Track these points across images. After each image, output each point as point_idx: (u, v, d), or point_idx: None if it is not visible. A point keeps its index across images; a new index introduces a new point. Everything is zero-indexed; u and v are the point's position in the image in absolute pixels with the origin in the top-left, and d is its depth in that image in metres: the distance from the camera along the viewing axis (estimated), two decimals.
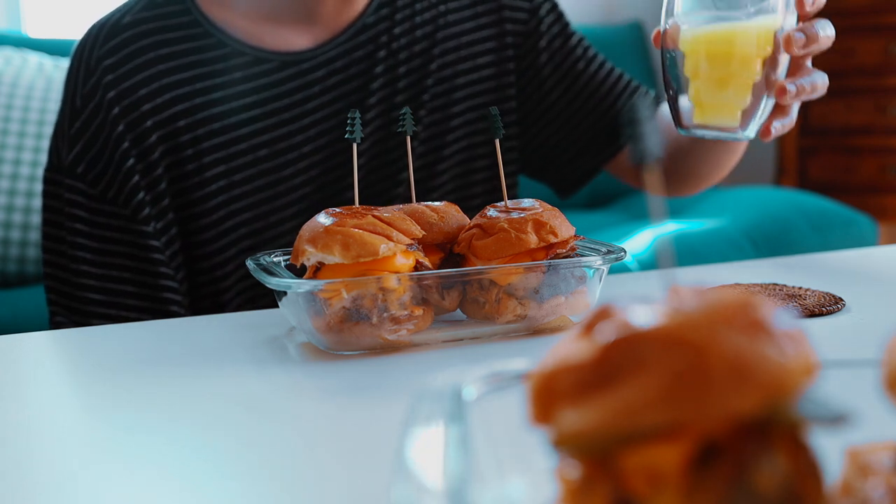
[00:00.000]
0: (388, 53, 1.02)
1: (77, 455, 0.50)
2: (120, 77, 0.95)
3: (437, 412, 0.35)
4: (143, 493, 0.44)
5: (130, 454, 0.49)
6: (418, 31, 1.04)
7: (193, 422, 0.54)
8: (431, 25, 1.05)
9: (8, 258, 1.94)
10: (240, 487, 0.44)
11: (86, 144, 0.94)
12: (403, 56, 1.03)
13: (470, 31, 1.06)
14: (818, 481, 0.30)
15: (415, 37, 1.04)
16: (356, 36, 1.01)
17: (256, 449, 0.49)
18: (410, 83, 1.03)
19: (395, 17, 1.03)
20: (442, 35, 1.05)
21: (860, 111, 2.93)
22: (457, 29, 1.05)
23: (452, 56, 1.05)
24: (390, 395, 0.58)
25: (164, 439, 0.51)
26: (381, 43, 1.02)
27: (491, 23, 1.07)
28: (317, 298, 0.64)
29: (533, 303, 0.69)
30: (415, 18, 1.04)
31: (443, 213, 0.73)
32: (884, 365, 0.31)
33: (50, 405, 0.59)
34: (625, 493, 0.29)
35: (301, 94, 0.99)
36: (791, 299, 0.76)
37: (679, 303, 0.30)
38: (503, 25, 1.07)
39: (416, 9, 1.04)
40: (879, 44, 2.89)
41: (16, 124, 1.97)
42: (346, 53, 1.01)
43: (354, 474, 0.45)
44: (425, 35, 1.04)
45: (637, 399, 0.28)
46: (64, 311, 0.94)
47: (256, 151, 0.98)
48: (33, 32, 2.39)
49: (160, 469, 0.47)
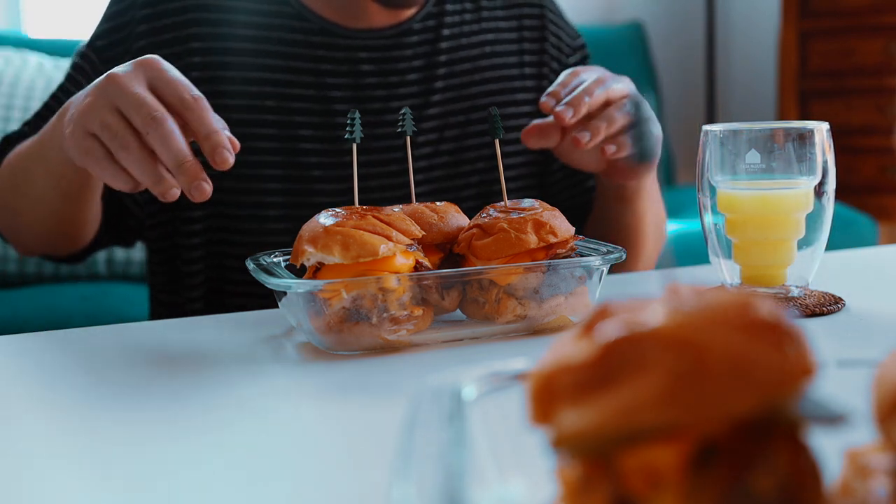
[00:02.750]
0: (427, 64, 1.04)
1: (77, 454, 0.50)
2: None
3: (437, 412, 0.35)
4: (142, 492, 0.44)
5: (130, 454, 0.49)
6: (463, 51, 1.05)
7: (193, 422, 0.54)
8: (478, 49, 1.06)
9: (8, 258, 1.94)
10: (240, 487, 0.44)
11: (112, 27, 0.99)
12: (442, 72, 1.04)
13: (513, 66, 1.08)
14: (817, 481, 0.30)
15: (459, 56, 1.05)
16: (399, 37, 1.03)
17: (256, 449, 0.49)
18: (446, 99, 1.04)
19: (441, 32, 1.05)
20: (486, 63, 1.06)
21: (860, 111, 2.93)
22: (500, 61, 1.07)
23: (493, 86, 1.06)
24: (390, 395, 0.58)
25: (164, 439, 0.51)
26: (421, 52, 1.03)
27: (534, 62, 1.09)
28: (316, 298, 0.64)
29: (533, 303, 0.69)
30: (461, 39, 1.06)
31: (442, 213, 0.73)
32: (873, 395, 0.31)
33: (50, 405, 0.59)
34: (624, 493, 0.29)
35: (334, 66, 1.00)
36: (791, 299, 0.76)
37: (679, 303, 0.30)
38: (542, 68, 1.09)
39: (465, 30, 1.06)
40: (879, 44, 2.89)
41: (16, 124, 1.97)
42: (386, 49, 1.02)
43: (354, 474, 0.45)
44: (470, 58, 1.06)
45: (636, 399, 0.28)
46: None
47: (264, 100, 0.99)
48: (33, 32, 2.39)
49: (160, 469, 0.47)
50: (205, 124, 0.71)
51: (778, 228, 0.77)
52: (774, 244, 0.77)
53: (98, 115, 0.71)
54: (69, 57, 2.12)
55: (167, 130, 0.69)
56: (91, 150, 0.72)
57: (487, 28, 1.07)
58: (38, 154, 0.87)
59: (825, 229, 0.78)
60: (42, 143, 0.86)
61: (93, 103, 0.72)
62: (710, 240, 0.80)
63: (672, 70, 3.34)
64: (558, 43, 1.11)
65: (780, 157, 0.76)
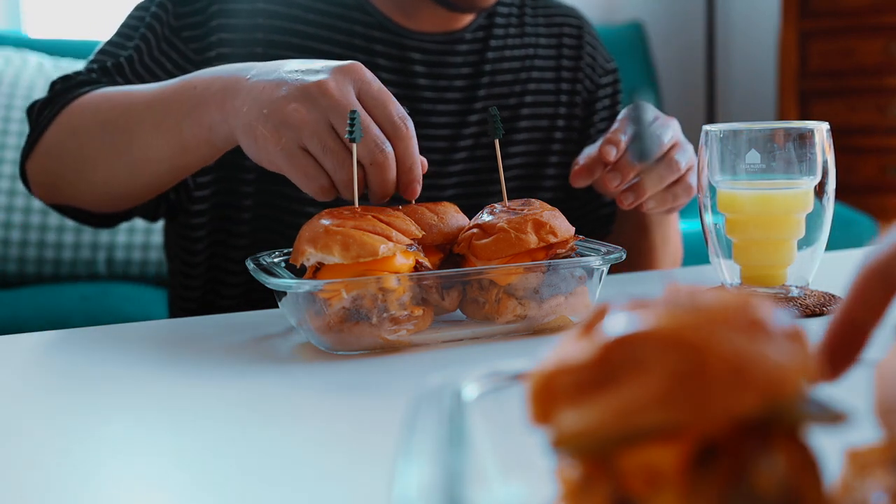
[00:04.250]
0: (473, 72, 1.06)
1: (77, 455, 0.50)
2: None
3: (437, 412, 0.35)
4: (141, 492, 0.44)
5: (129, 453, 0.49)
6: (506, 63, 1.08)
7: (193, 422, 0.54)
8: (519, 63, 1.09)
9: (8, 258, 1.94)
10: (240, 487, 0.44)
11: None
12: (486, 80, 1.07)
13: (550, 81, 1.12)
14: (817, 481, 0.30)
15: (502, 67, 1.08)
16: (452, 43, 1.05)
17: (256, 449, 0.49)
18: (488, 107, 1.06)
19: (488, 43, 1.07)
20: (526, 76, 1.10)
21: (860, 111, 2.93)
22: (538, 75, 1.11)
23: (531, 98, 1.09)
24: (390, 395, 0.58)
25: (164, 439, 0.51)
26: (470, 61, 1.06)
27: (569, 78, 1.13)
28: (317, 299, 0.64)
29: (533, 303, 0.69)
30: (505, 52, 1.08)
31: (442, 213, 0.73)
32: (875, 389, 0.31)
33: (50, 405, 0.59)
34: (624, 493, 0.29)
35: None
36: (791, 299, 0.76)
37: (679, 303, 0.30)
38: (576, 84, 1.13)
39: (508, 44, 1.09)
40: (879, 44, 2.89)
41: (16, 124, 1.97)
42: (439, 53, 1.04)
43: (354, 474, 0.45)
44: (512, 69, 1.09)
45: (636, 399, 0.28)
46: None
47: None
48: (33, 32, 2.39)
49: (160, 469, 0.47)
50: (409, 156, 0.72)
51: (778, 228, 0.76)
52: (774, 244, 0.77)
53: (313, 131, 0.70)
54: (69, 57, 2.12)
55: (387, 170, 0.70)
56: (302, 165, 0.71)
57: (529, 43, 1.10)
58: (159, 120, 0.83)
59: (825, 229, 0.78)
60: (167, 110, 0.82)
61: (305, 117, 0.70)
62: (710, 240, 0.80)
63: (672, 70, 3.34)
64: (592, 63, 1.14)
65: (780, 157, 0.76)
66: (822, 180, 0.77)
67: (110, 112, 0.88)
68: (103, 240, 1.98)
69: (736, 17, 3.40)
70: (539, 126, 1.09)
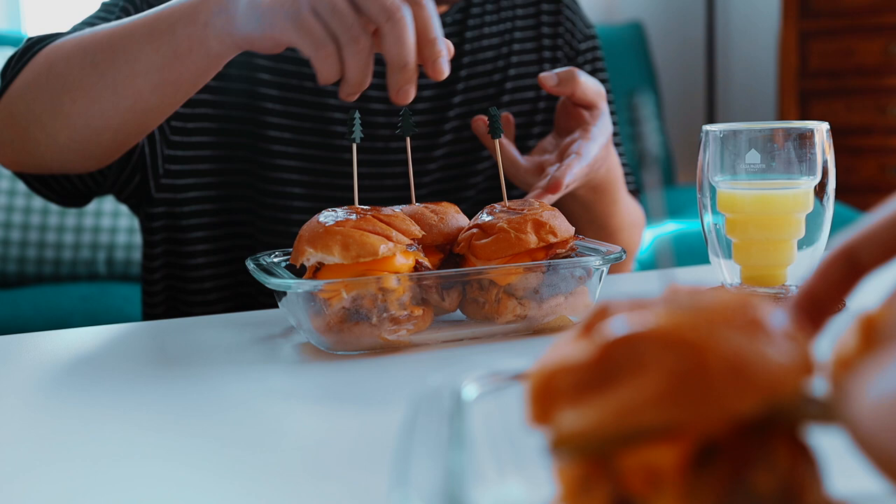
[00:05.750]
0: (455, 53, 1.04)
1: (77, 455, 0.50)
2: None
3: (437, 412, 0.35)
4: (141, 492, 0.44)
5: (129, 454, 0.49)
6: (485, 40, 1.08)
7: (192, 422, 0.54)
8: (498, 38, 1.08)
9: (8, 258, 1.94)
10: (239, 488, 0.44)
11: None
12: (467, 60, 1.06)
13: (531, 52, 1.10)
14: (817, 481, 0.30)
15: (482, 45, 1.07)
16: None
17: (256, 449, 0.49)
18: (470, 87, 1.05)
19: (466, 23, 1.07)
20: (507, 50, 1.09)
21: (860, 111, 2.93)
22: (518, 47, 1.10)
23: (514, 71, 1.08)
24: (390, 395, 0.58)
25: (163, 439, 0.51)
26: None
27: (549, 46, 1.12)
28: (317, 299, 0.64)
29: (533, 303, 0.69)
30: (483, 29, 1.08)
31: (442, 213, 0.73)
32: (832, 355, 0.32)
33: (49, 405, 0.59)
34: (624, 493, 0.29)
35: None
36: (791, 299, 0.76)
37: (679, 303, 0.30)
38: (556, 52, 1.12)
39: (486, 20, 1.08)
40: (879, 44, 2.89)
41: None
42: None
43: (354, 475, 0.45)
44: (492, 46, 1.08)
45: (636, 399, 0.28)
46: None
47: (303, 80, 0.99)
48: (33, 32, 2.39)
49: (159, 469, 0.47)
50: (430, 28, 0.68)
51: (778, 228, 0.76)
52: (774, 244, 0.77)
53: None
54: None
55: (405, 28, 0.66)
56: (312, 29, 0.68)
57: (507, 17, 1.10)
58: (150, 27, 0.79)
59: (825, 229, 0.78)
60: (158, 17, 0.78)
61: None
62: (710, 240, 0.80)
63: (672, 70, 3.34)
64: (572, 28, 1.14)
65: (780, 157, 0.76)
66: (822, 180, 0.77)
67: (93, 37, 0.83)
68: (103, 240, 1.98)
69: (736, 17, 3.40)
70: (525, 98, 1.09)
